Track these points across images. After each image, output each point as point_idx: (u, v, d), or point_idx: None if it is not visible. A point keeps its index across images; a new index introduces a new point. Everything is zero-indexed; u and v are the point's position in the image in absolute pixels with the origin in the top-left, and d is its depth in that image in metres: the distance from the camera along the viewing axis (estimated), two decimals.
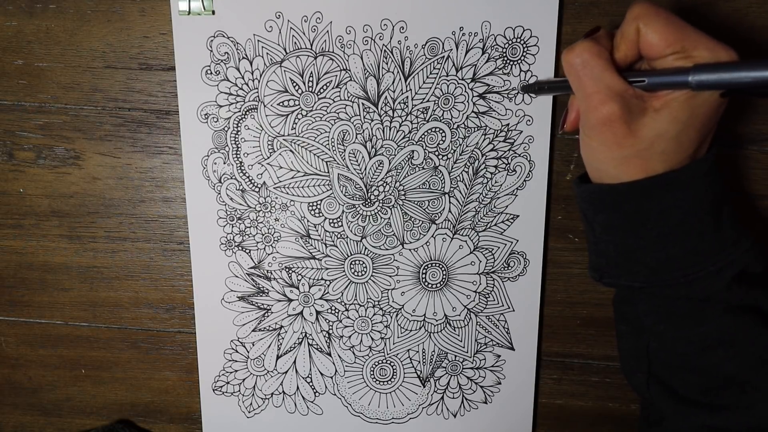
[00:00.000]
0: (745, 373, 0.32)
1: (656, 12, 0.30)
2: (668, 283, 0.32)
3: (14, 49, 0.44)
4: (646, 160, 0.31)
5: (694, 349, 0.33)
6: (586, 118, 0.32)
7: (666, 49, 0.30)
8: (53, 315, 0.49)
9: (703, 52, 0.29)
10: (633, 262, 0.33)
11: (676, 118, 0.30)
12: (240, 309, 0.47)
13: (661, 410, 0.35)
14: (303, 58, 0.42)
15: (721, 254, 0.31)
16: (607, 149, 0.31)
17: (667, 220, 0.31)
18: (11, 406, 0.52)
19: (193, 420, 0.50)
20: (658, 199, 0.31)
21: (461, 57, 0.41)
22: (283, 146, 0.44)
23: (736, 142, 0.42)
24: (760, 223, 0.43)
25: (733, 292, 0.31)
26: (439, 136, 0.43)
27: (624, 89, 0.30)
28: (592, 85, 0.31)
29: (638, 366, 0.35)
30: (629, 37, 0.31)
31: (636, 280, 0.33)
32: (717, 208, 0.31)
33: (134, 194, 0.46)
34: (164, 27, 0.43)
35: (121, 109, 0.44)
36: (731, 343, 0.32)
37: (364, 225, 0.45)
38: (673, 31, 0.29)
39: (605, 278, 0.35)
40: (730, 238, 0.32)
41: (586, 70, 0.31)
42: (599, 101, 0.30)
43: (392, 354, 0.47)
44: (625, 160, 0.31)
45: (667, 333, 0.33)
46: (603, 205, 0.33)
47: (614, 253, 0.34)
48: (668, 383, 0.34)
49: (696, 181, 0.31)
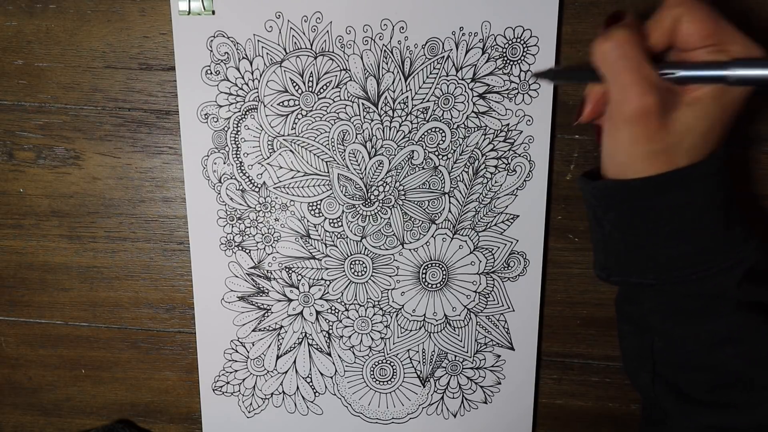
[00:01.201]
0: (752, 370, 0.32)
1: (697, 2, 0.29)
2: (679, 280, 0.32)
3: (14, 49, 0.44)
4: (673, 155, 0.30)
5: (701, 347, 0.32)
6: (619, 110, 0.31)
7: (702, 41, 0.29)
8: (53, 315, 0.49)
9: (739, 47, 0.28)
10: (644, 260, 0.33)
11: (707, 114, 0.29)
12: (240, 309, 0.47)
13: (665, 410, 0.35)
14: (303, 58, 0.42)
15: (732, 251, 0.31)
16: (636, 143, 0.30)
17: (680, 217, 0.31)
18: (11, 406, 0.52)
19: (193, 420, 0.50)
20: (672, 195, 0.31)
21: (461, 57, 0.41)
22: (283, 146, 0.44)
23: (740, 143, 0.42)
24: (763, 223, 0.43)
25: (744, 290, 0.31)
26: (439, 136, 0.43)
27: (660, 81, 0.30)
28: (630, 77, 0.30)
29: (642, 366, 0.35)
30: (665, 25, 0.30)
31: (646, 277, 0.33)
32: (727, 205, 0.31)
33: (134, 194, 0.46)
34: (164, 27, 0.43)
35: (121, 109, 0.44)
36: (740, 340, 0.32)
37: (364, 225, 0.45)
38: (712, 24, 0.29)
39: (613, 276, 0.34)
40: (740, 235, 0.32)
41: (625, 61, 0.30)
42: (637, 93, 0.29)
43: (392, 354, 0.47)
44: (653, 154, 0.30)
45: (674, 331, 0.33)
46: (615, 201, 0.32)
47: (624, 250, 0.33)
48: (673, 382, 0.34)
49: (709, 178, 0.31)
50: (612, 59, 0.30)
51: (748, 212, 0.43)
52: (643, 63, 0.30)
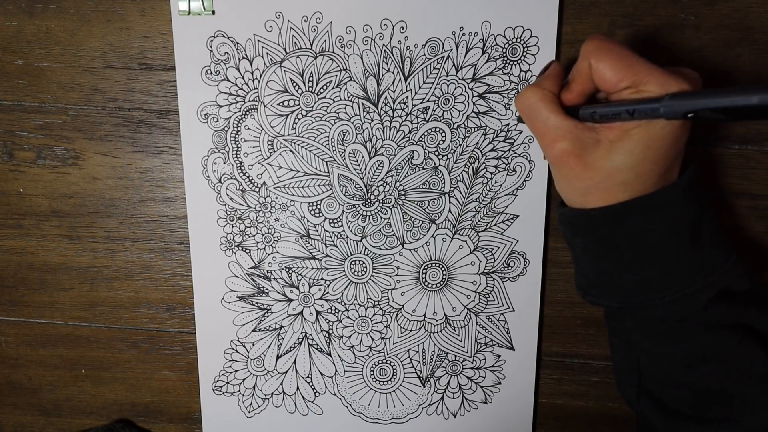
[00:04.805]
0: (731, 387, 0.32)
1: (608, 48, 0.30)
2: (644, 304, 0.33)
3: (14, 49, 0.44)
4: (607, 191, 0.31)
5: (678, 365, 0.33)
6: (545, 154, 0.33)
7: (619, 84, 0.30)
8: (53, 315, 0.49)
9: (653, 87, 0.29)
10: (610, 284, 0.34)
11: (630, 151, 0.30)
12: (240, 309, 0.47)
13: (652, 423, 0.35)
14: (303, 58, 0.42)
15: (698, 276, 0.31)
16: (569, 182, 0.33)
17: (640, 244, 0.32)
18: (11, 406, 0.52)
19: (193, 420, 0.50)
20: (631, 224, 0.31)
21: (461, 57, 0.41)
22: (283, 146, 0.44)
23: (740, 142, 0.42)
24: (761, 223, 0.43)
25: (711, 312, 0.32)
26: (439, 136, 0.43)
27: (572, 126, 0.31)
28: (542, 127, 0.32)
29: (629, 379, 0.36)
30: (584, 71, 0.32)
31: (614, 301, 0.34)
32: (695, 229, 0.32)
33: (134, 194, 0.46)
34: (164, 27, 0.43)
35: (121, 109, 0.44)
36: (714, 359, 0.32)
37: (364, 225, 0.45)
38: (624, 66, 0.30)
39: (588, 296, 0.36)
40: (709, 258, 0.32)
41: (533, 114, 0.33)
42: (551, 140, 0.32)
43: (392, 354, 0.47)
44: (587, 191, 0.32)
45: (652, 349, 0.34)
46: (579, 228, 0.34)
47: (593, 274, 0.34)
48: (658, 397, 0.34)
49: (668, 205, 0.31)
50: (526, 113, 0.33)
51: (745, 213, 0.43)
52: (551, 114, 0.32)
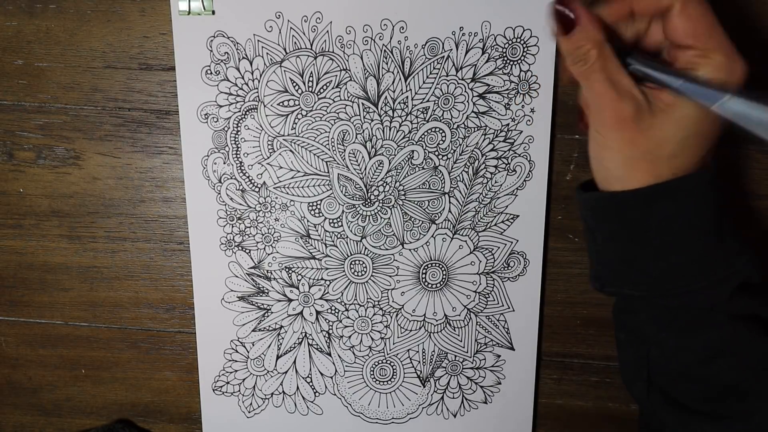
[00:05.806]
0: (746, 382, 0.32)
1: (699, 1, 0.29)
2: (671, 293, 0.32)
3: (14, 49, 0.44)
4: (654, 163, 0.30)
5: (695, 359, 0.32)
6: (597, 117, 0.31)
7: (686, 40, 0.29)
8: (53, 315, 0.49)
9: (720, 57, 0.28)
10: (635, 272, 0.33)
11: (681, 122, 0.29)
12: (240, 309, 0.47)
13: (662, 419, 0.35)
14: (303, 58, 0.42)
15: (724, 265, 0.31)
16: (619, 149, 0.30)
17: (670, 229, 0.31)
18: (11, 406, 0.52)
19: (193, 420, 0.50)
20: (662, 208, 0.31)
21: (461, 57, 0.41)
22: (283, 146, 0.44)
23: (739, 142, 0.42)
24: (761, 223, 0.43)
25: (735, 303, 0.31)
26: (439, 136, 0.43)
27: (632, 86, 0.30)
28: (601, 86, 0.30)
29: (638, 375, 0.35)
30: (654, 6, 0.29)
31: (638, 289, 0.33)
32: (720, 218, 0.31)
33: (134, 194, 0.46)
34: (164, 27, 0.43)
35: (121, 109, 0.44)
36: (732, 352, 0.32)
37: (364, 225, 0.45)
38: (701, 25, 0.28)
39: (607, 287, 0.34)
40: (733, 248, 0.31)
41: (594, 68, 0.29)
42: (611, 99, 0.29)
43: (392, 354, 0.47)
44: (634, 161, 0.30)
45: (668, 342, 0.33)
46: (606, 213, 0.32)
47: (616, 262, 0.33)
48: (669, 392, 0.34)
49: (700, 190, 0.31)
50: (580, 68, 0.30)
51: (745, 213, 0.43)
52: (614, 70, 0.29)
